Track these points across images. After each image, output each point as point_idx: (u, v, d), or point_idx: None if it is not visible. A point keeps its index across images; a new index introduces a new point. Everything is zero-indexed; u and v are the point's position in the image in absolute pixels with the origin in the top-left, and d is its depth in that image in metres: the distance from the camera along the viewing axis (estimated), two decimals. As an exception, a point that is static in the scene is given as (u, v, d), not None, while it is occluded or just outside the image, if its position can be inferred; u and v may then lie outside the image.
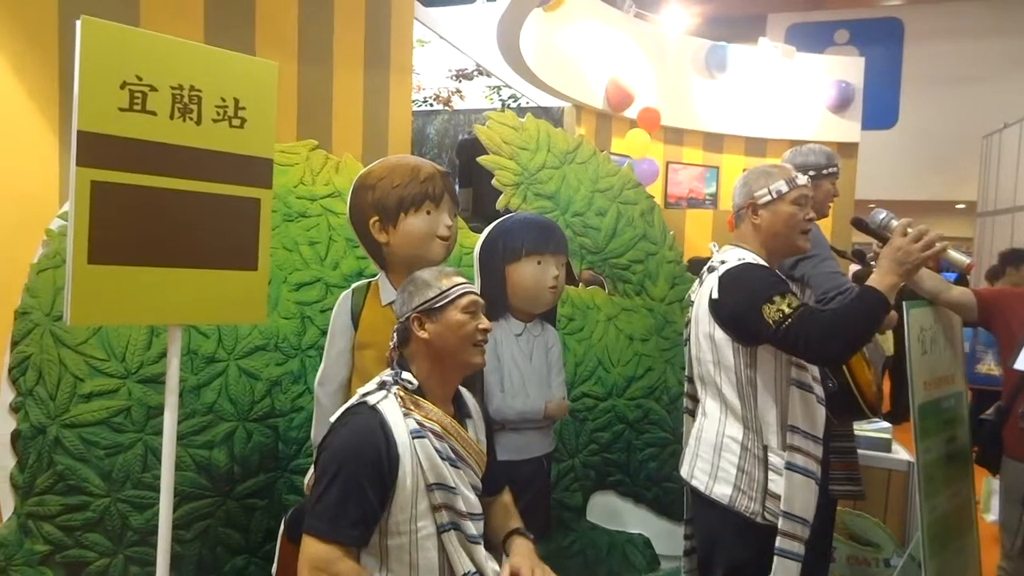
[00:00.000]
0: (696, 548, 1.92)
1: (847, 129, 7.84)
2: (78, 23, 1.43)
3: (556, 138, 2.59)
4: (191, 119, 1.57)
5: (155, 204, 1.53)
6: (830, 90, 7.64)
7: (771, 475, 1.67)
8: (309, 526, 1.33)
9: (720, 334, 1.72)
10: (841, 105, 7.70)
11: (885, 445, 3.13)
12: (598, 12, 6.57)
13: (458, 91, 6.63)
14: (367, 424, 1.37)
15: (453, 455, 1.44)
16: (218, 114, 1.61)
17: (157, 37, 1.54)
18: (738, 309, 1.66)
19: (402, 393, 1.44)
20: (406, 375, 1.47)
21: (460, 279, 1.57)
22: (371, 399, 1.42)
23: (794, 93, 7.67)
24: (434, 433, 1.42)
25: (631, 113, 6.72)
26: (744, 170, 1.99)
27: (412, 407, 1.42)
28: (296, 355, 2.21)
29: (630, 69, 6.74)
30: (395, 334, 1.54)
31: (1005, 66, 13.37)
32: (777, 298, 1.59)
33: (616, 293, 2.72)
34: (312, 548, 1.31)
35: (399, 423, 1.39)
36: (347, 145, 2.94)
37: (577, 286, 2.98)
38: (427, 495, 1.38)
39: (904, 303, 2.44)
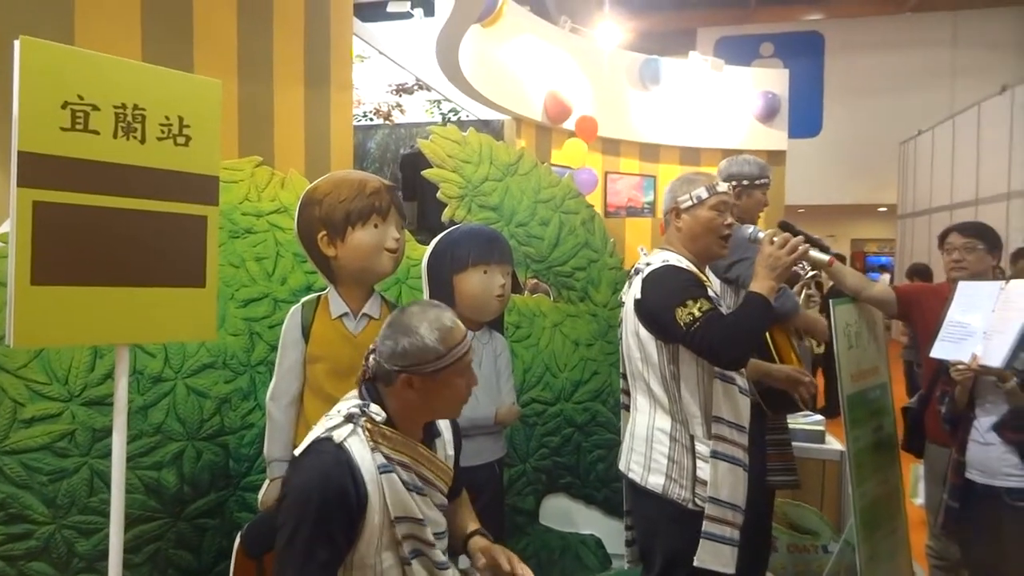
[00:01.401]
0: (636, 539, 2.00)
1: (775, 138, 8.18)
2: (16, 43, 1.42)
3: (498, 151, 2.66)
4: (135, 138, 1.57)
5: (100, 223, 1.52)
6: (757, 101, 7.97)
7: (699, 463, 1.78)
8: (279, 571, 1.31)
9: (644, 332, 1.82)
10: (768, 115, 8.04)
11: (819, 437, 3.29)
12: (535, 27, 6.71)
13: (398, 105, 6.66)
14: (334, 464, 1.33)
15: (420, 482, 1.43)
16: (162, 132, 1.61)
17: (100, 57, 1.54)
18: (656, 309, 1.77)
19: (369, 426, 1.39)
20: (374, 407, 1.42)
21: (461, 333, 1.45)
22: (337, 435, 1.37)
23: (724, 104, 7.96)
24: (401, 465, 1.40)
25: (570, 125, 6.86)
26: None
27: (380, 439, 1.39)
28: (245, 372, 2.20)
29: (567, 82, 6.89)
30: (371, 369, 1.45)
31: (919, 76, 14.19)
32: (690, 302, 1.70)
33: (561, 300, 2.80)
34: None
35: (366, 459, 1.36)
36: (290, 161, 2.93)
37: (523, 294, 3.05)
38: (391, 528, 1.37)
39: (831, 301, 2.60)
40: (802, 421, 3.40)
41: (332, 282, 1.98)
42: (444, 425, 1.61)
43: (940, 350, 2.33)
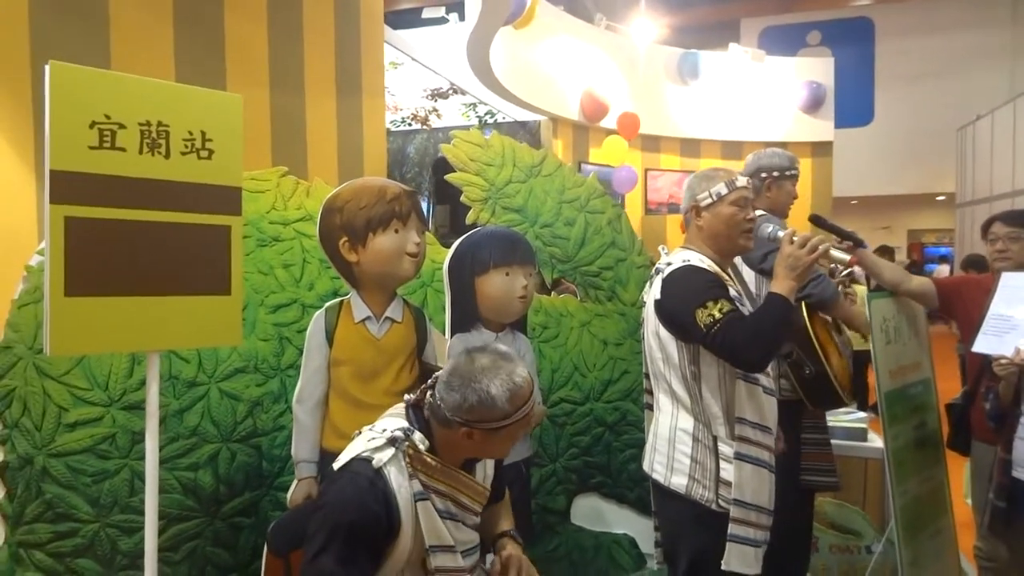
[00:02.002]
0: (661, 540, 1.99)
1: (821, 128, 7.98)
2: (47, 67, 1.50)
3: (521, 153, 2.67)
4: (160, 153, 1.64)
5: (128, 236, 1.60)
6: (802, 91, 7.78)
7: (722, 464, 1.75)
8: None
9: (665, 332, 1.81)
10: (813, 105, 7.84)
11: (861, 435, 3.21)
12: (569, 27, 6.71)
13: (435, 110, 6.74)
14: (369, 489, 1.36)
15: (454, 508, 1.46)
16: (186, 147, 1.68)
17: (124, 77, 1.61)
18: (676, 310, 1.76)
19: (411, 452, 1.41)
20: (418, 435, 1.43)
21: (529, 389, 1.45)
22: (377, 459, 1.39)
23: (767, 96, 7.80)
24: (437, 493, 1.43)
25: (608, 123, 6.83)
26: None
27: (420, 467, 1.41)
28: (275, 375, 2.27)
29: (604, 80, 6.86)
30: (427, 408, 1.46)
31: (976, 58, 13.62)
32: (710, 303, 1.68)
33: (588, 300, 2.80)
34: None
35: (403, 487, 1.39)
36: (322, 170, 3.00)
37: (549, 295, 3.05)
38: (422, 555, 1.40)
39: (867, 295, 2.53)
40: (844, 419, 3.32)
41: (355, 287, 2.02)
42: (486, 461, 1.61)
43: (983, 344, 2.27)
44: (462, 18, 5.81)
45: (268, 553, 1.79)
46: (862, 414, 3.39)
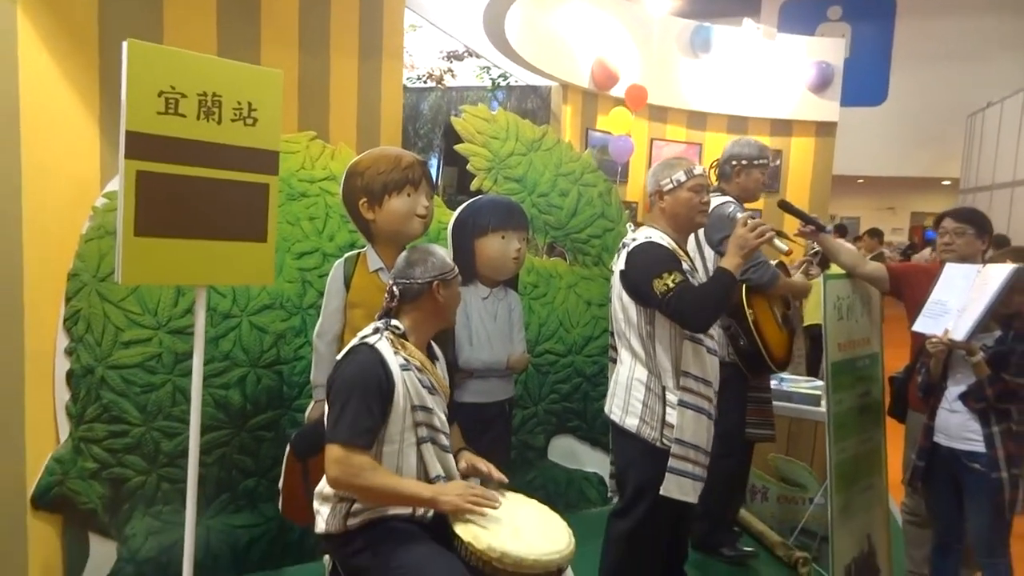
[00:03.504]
0: (615, 470, 2.33)
1: (826, 109, 8.09)
2: (124, 45, 1.79)
3: (524, 128, 2.95)
4: (213, 120, 1.94)
5: (185, 188, 1.90)
6: (810, 71, 7.89)
7: (668, 409, 2.08)
8: (332, 437, 1.68)
9: (627, 298, 2.12)
10: (820, 86, 7.95)
11: (815, 400, 3.53)
12: (585, -6, 6.81)
13: (450, 70, 6.91)
14: (369, 359, 1.72)
15: (431, 385, 1.82)
16: (235, 115, 1.98)
17: (186, 54, 1.90)
18: (637, 279, 2.06)
19: (391, 336, 1.79)
20: (395, 322, 1.81)
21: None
22: (369, 340, 1.76)
23: (775, 73, 7.90)
24: (416, 368, 1.79)
25: (617, 92, 7.00)
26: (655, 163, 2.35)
27: (400, 347, 1.78)
28: (298, 313, 2.61)
29: (616, 49, 7.01)
30: (398, 291, 1.83)
31: (993, 45, 13.51)
32: (666, 274, 1.98)
33: (576, 264, 3.11)
34: (336, 452, 1.67)
35: (392, 358, 1.75)
36: (343, 130, 3.25)
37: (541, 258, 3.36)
38: (412, 414, 1.76)
39: (823, 275, 2.83)
40: (804, 386, 3.64)
41: (370, 241, 2.34)
42: (440, 354, 1.98)
43: (920, 324, 2.53)
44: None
45: (289, 455, 2.15)
46: (819, 382, 3.70)
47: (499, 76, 6.90)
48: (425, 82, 7.00)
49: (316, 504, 1.78)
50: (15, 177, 2.07)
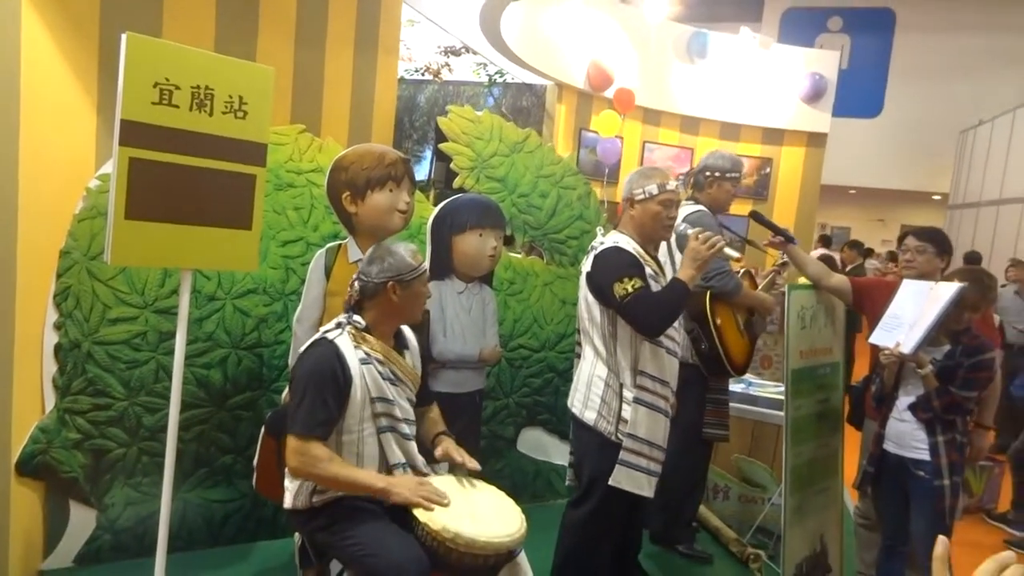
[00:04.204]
0: (573, 461, 2.45)
1: (818, 120, 8.20)
2: (123, 37, 1.88)
3: (507, 130, 3.05)
4: (205, 111, 2.03)
5: (176, 175, 1.99)
6: (804, 81, 7.99)
7: (624, 406, 2.19)
8: (291, 428, 1.80)
9: (591, 298, 2.23)
10: (814, 97, 8.06)
11: (779, 405, 3.66)
12: (584, -4, 6.88)
13: (447, 65, 6.98)
14: (326, 353, 1.82)
15: (392, 376, 1.92)
16: (226, 108, 2.07)
17: (182, 48, 1.99)
18: (600, 282, 2.17)
19: (353, 331, 1.89)
20: (356, 317, 1.91)
21: (420, 257, 1.97)
22: (329, 335, 1.86)
23: (770, 82, 8.00)
24: (378, 360, 1.89)
25: (611, 94, 7.09)
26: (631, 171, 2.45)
27: (360, 341, 1.88)
28: (280, 299, 2.71)
29: (612, 52, 7.09)
30: (358, 287, 1.94)
31: (990, 63, 13.64)
32: (626, 279, 2.09)
33: (553, 263, 3.22)
34: (294, 443, 1.78)
35: (351, 353, 1.85)
36: (335, 124, 3.32)
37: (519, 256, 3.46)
38: (371, 405, 1.86)
39: (787, 286, 2.95)
40: (771, 390, 3.77)
41: (351, 233, 2.44)
42: (412, 343, 2.07)
43: (876, 337, 2.65)
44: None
45: (264, 434, 2.25)
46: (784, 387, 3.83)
47: (495, 73, 6.97)
48: (423, 75, 7.08)
49: (286, 482, 1.89)
50: (12, 156, 2.15)
